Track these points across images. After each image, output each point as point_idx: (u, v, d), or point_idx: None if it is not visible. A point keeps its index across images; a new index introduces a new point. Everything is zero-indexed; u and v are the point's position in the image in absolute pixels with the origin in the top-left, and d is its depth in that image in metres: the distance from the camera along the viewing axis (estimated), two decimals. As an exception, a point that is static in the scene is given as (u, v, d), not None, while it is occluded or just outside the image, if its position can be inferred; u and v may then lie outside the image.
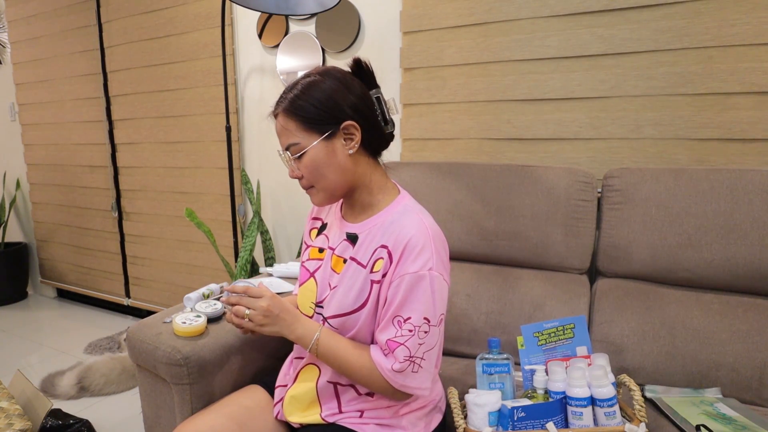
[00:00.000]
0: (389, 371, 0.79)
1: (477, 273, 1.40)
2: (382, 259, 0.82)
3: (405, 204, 0.87)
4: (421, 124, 1.74)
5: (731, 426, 0.91)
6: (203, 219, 2.32)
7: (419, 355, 0.79)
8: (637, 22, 1.39)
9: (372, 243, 0.84)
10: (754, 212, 1.15)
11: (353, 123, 0.81)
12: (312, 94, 0.80)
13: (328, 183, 0.84)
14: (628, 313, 1.21)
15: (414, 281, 0.78)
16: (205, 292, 1.20)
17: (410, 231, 0.80)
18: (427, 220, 0.83)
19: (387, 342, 0.80)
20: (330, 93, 0.81)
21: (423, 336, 0.79)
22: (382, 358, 0.81)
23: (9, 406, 1.31)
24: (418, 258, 0.78)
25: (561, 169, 1.35)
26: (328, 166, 0.82)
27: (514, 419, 0.82)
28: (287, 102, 0.82)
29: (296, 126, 0.81)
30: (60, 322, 2.70)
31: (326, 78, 0.82)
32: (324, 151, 0.81)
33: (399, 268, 0.79)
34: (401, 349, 0.78)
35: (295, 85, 0.83)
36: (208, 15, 2.13)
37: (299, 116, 0.81)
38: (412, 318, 0.78)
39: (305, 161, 0.82)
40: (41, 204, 3.02)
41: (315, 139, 0.81)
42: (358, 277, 0.84)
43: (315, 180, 0.84)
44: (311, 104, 0.80)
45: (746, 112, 1.30)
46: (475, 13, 1.59)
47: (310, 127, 0.81)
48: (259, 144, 2.15)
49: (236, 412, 0.92)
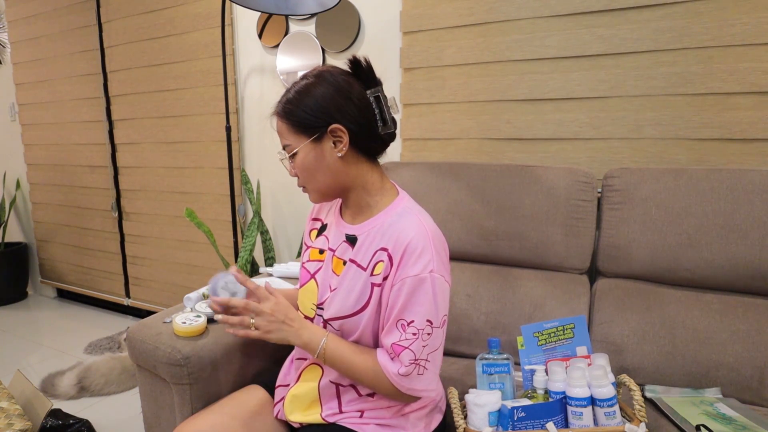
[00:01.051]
0: (396, 375, 0.80)
1: (477, 273, 1.40)
2: (382, 262, 0.82)
3: (404, 205, 0.87)
4: (421, 124, 1.74)
5: (731, 426, 0.91)
6: (203, 219, 2.32)
7: (423, 357, 0.79)
8: (637, 22, 1.39)
9: (372, 245, 0.84)
10: (754, 212, 1.15)
11: (339, 126, 0.81)
12: (302, 99, 0.83)
13: (318, 184, 0.86)
14: (628, 313, 1.21)
15: (415, 284, 0.78)
16: (205, 292, 1.20)
17: (410, 233, 0.80)
18: (426, 222, 0.83)
19: (392, 346, 0.80)
20: (319, 98, 0.82)
21: (426, 338, 0.79)
22: (389, 362, 0.81)
23: (9, 406, 1.31)
24: (418, 260, 0.78)
25: (561, 169, 1.35)
26: (317, 168, 0.84)
27: (514, 419, 0.82)
28: (281, 105, 0.85)
29: (287, 128, 0.84)
30: (60, 322, 2.70)
31: (319, 82, 0.83)
32: (312, 154, 0.83)
33: (400, 272, 0.80)
34: (406, 353, 0.79)
35: (291, 88, 0.85)
36: (208, 15, 2.13)
37: (289, 119, 0.84)
38: (415, 321, 0.78)
39: (297, 162, 0.85)
40: (41, 204, 3.02)
41: (303, 141, 0.83)
42: (358, 279, 0.84)
43: (306, 181, 0.87)
44: (301, 108, 0.83)
45: (746, 112, 1.30)
46: (475, 13, 1.59)
47: (299, 130, 0.83)
48: (259, 144, 2.15)
49: (236, 412, 0.92)
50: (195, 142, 2.29)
